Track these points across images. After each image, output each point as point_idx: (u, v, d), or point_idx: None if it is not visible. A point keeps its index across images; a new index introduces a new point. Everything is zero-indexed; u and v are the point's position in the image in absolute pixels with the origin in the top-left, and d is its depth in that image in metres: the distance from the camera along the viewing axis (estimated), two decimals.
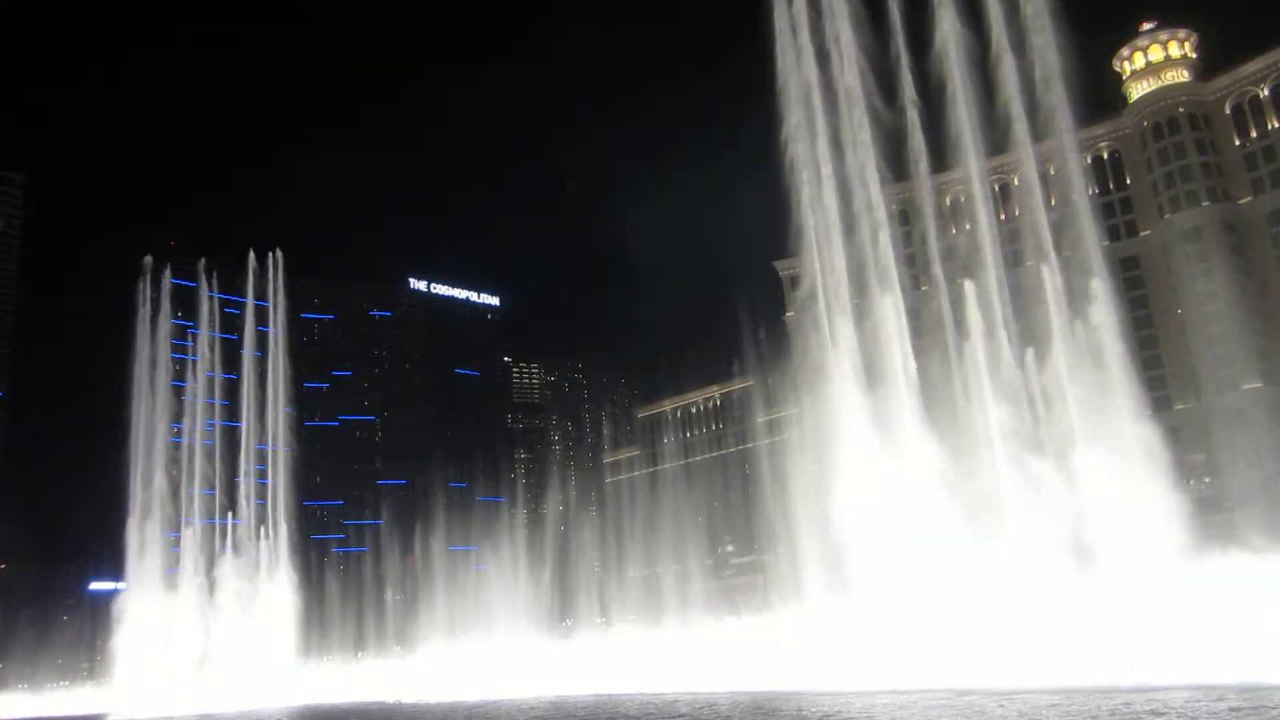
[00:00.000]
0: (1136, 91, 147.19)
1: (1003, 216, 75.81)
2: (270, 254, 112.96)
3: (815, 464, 57.05)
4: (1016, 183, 58.76)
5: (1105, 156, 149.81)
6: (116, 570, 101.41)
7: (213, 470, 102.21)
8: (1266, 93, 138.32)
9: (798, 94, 60.69)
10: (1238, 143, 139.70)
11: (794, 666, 50.89)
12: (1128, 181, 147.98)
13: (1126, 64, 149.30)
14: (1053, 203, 59.06)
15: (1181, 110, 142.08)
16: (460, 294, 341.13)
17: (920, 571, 48.74)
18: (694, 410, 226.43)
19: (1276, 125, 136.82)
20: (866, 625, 48.74)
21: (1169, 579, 43.53)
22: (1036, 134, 56.98)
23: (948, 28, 58.32)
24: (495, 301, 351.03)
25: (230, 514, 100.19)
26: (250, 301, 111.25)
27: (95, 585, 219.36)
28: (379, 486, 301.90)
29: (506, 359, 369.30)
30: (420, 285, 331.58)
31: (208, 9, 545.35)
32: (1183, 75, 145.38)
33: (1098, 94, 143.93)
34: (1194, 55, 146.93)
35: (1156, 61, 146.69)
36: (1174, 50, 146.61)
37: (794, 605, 63.21)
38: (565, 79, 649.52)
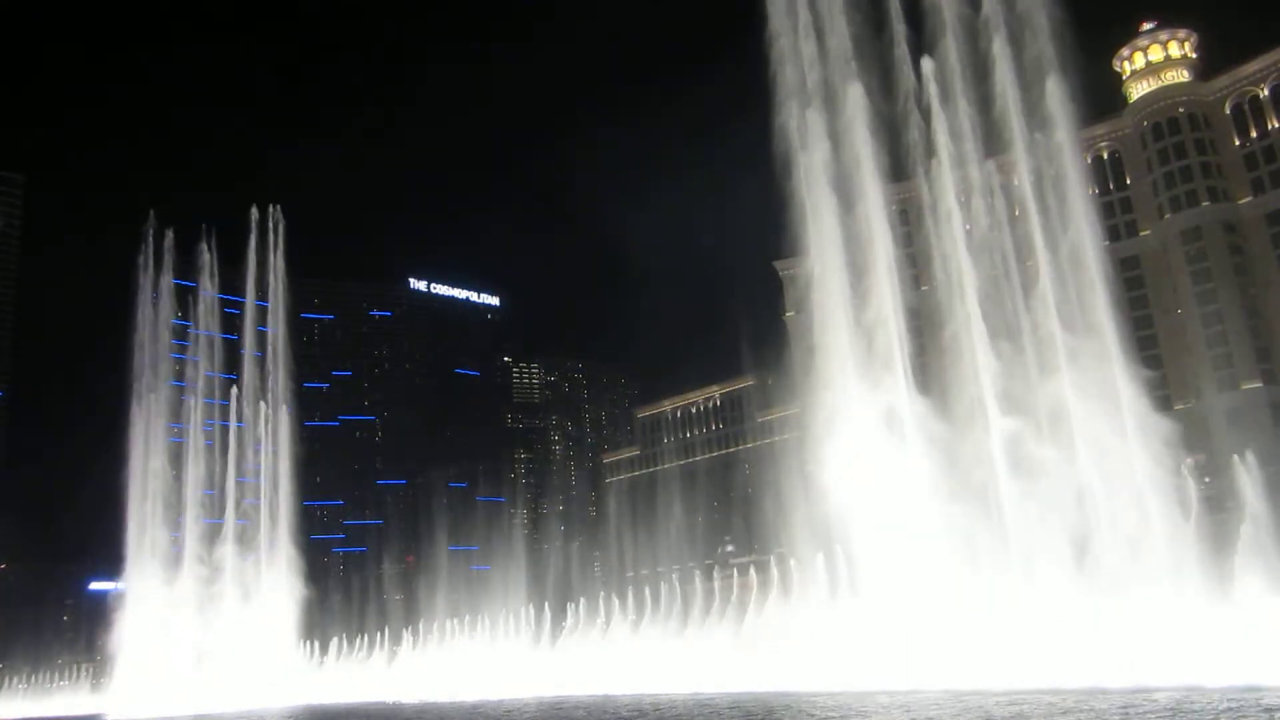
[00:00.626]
0: (1136, 91, 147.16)
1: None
2: (271, 208, 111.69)
3: (814, 463, 57.00)
4: (1016, 182, 58.48)
5: (1105, 156, 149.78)
6: (116, 570, 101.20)
7: (213, 470, 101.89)
8: (1266, 93, 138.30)
9: (794, 88, 60.48)
10: (1238, 143, 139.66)
11: (793, 667, 50.90)
12: (1128, 181, 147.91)
13: (1126, 64, 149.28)
14: (1052, 203, 58.94)
15: (1181, 110, 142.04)
16: (460, 294, 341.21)
17: (920, 571, 48.65)
18: (694, 410, 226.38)
19: (1276, 125, 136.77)
20: (865, 626, 48.69)
21: (1169, 578, 43.47)
22: (1036, 133, 56.87)
23: (947, 24, 58.26)
24: (495, 301, 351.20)
25: (230, 514, 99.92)
26: (251, 280, 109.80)
27: (95, 585, 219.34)
28: (379, 486, 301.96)
29: (506, 359, 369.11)
30: (420, 285, 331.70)
31: (206, 9, 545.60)
32: (1183, 75, 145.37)
33: (1098, 94, 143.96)
34: (1194, 55, 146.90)
35: (1156, 61, 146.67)
36: (1174, 50, 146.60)
37: (793, 606, 63.15)
38: (565, 78, 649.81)
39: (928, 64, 58.59)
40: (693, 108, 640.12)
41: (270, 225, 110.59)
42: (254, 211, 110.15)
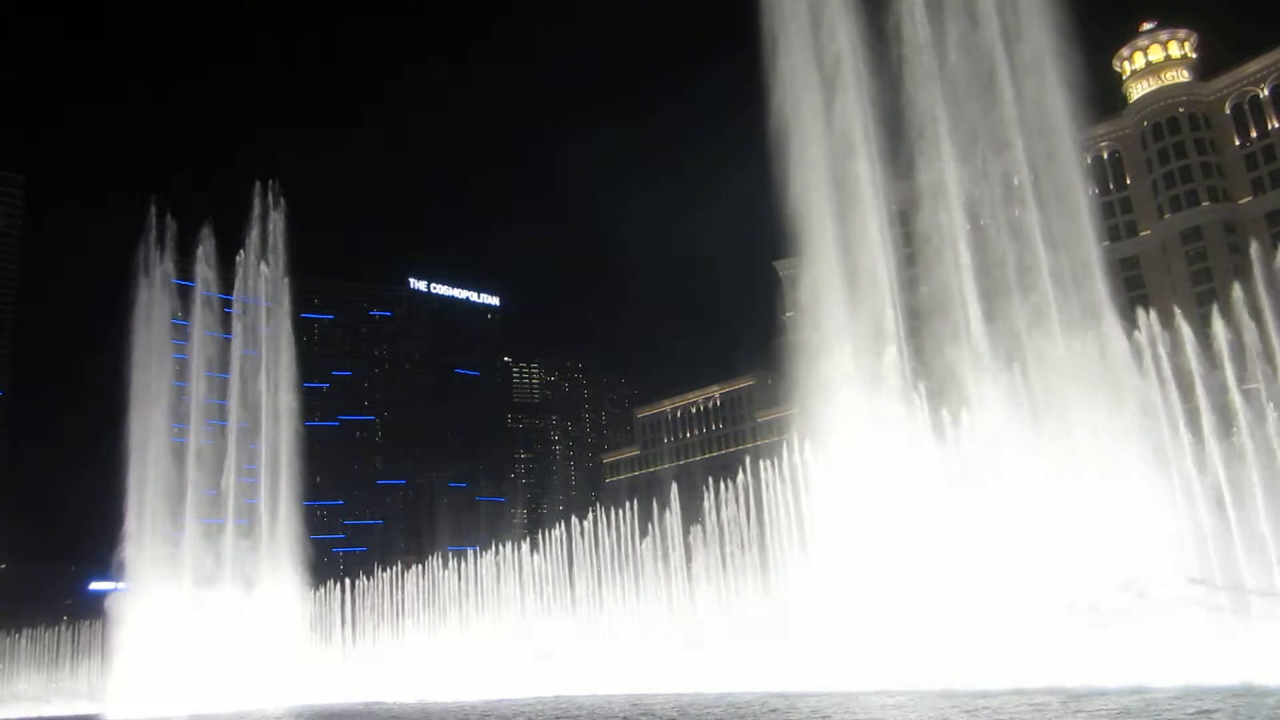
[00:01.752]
0: (1136, 91, 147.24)
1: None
2: (270, 182, 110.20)
3: (811, 460, 56.96)
4: (1017, 181, 58.41)
5: (1105, 156, 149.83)
6: (116, 570, 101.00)
7: (213, 470, 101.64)
8: (1266, 93, 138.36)
9: (792, 81, 60.29)
10: (1238, 143, 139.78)
11: (789, 667, 50.86)
12: (1128, 181, 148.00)
13: (1126, 64, 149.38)
14: (1052, 203, 58.86)
15: (1181, 110, 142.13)
16: (460, 294, 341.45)
17: (917, 568, 48.57)
18: (694, 410, 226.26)
19: (1276, 125, 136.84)
20: (862, 624, 48.61)
21: (1166, 577, 43.34)
22: (1036, 130, 56.85)
23: (947, 20, 58.24)
24: (495, 301, 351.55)
25: (230, 514, 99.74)
26: (253, 250, 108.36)
27: (95, 585, 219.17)
28: (379, 486, 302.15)
29: (506, 359, 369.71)
30: (420, 285, 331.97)
31: (205, 8, 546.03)
32: (1183, 75, 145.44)
33: (1098, 94, 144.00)
34: (1194, 55, 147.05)
35: (1156, 61, 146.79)
36: (1174, 50, 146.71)
37: (792, 605, 63.08)
38: (563, 77, 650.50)
39: (927, 61, 58.53)
40: (693, 105, 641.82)
41: (270, 199, 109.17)
42: (256, 184, 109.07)
